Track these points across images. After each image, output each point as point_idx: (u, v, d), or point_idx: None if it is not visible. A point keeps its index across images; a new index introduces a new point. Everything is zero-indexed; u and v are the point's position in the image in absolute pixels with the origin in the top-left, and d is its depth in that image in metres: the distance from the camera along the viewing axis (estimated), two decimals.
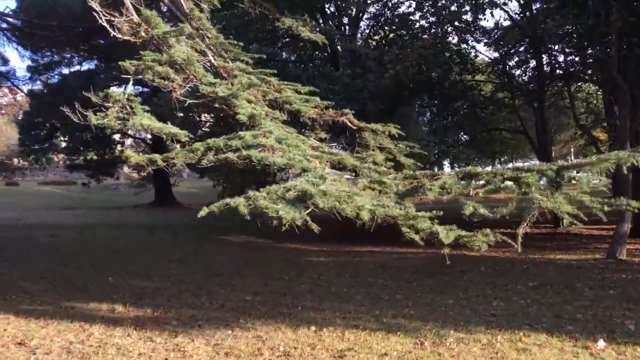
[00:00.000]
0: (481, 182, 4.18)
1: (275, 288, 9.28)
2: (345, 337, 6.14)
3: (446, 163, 30.77)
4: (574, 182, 4.35)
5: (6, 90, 19.50)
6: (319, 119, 5.50)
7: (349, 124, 5.54)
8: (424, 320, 6.84)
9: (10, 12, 16.49)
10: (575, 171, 3.78)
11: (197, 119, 22.79)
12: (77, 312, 7.57)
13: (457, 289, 8.78)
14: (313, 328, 6.50)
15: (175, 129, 4.55)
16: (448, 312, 7.35)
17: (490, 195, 4.96)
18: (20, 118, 41.94)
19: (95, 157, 35.40)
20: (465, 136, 27.04)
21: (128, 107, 4.58)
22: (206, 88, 4.72)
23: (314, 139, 5.71)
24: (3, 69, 17.01)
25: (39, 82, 26.97)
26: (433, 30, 19.36)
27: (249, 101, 4.80)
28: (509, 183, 4.08)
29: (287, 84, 5.62)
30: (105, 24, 5.13)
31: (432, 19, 19.44)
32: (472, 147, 29.10)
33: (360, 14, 19.88)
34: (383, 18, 20.26)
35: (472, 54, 21.23)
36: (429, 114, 27.64)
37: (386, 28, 20.50)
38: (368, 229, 4.26)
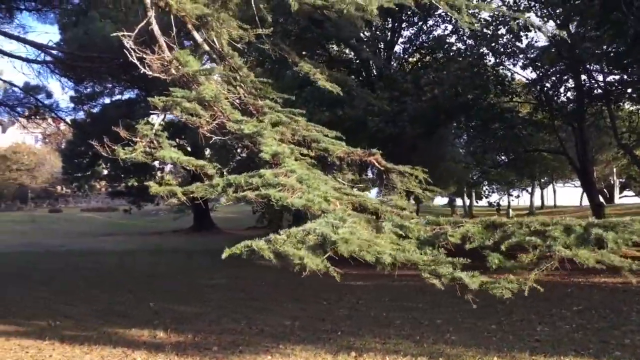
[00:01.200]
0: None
1: (313, 313, 9.27)
2: None
3: (485, 185, 30.34)
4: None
5: (50, 121, 20.17)
6: (346, 158, 5.50)
7: (376, 164, 5.52)
8: (466, 345, 6.74)
9: (54, 45, 17.13)
10: (604, 231, 3.66)
11: (232, 151, 23.15)
12: (120, 337, 7.70)
13: (499, 314, 8.61)
14: (353, 354, 6.47)
15: (201, 162, 4.63)
16: (491, 337, 7.22)
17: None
18: (63, 147, 43.15)
19: (135, 184, 36.18)
20: (504, 157, 26.72)
21: (155, 141, 4.69)
22: (233, 125, 4.80)
23: (342, 179, 5.71)
24: (47, 101, 17.55)
25: (81, 112, 27.73)
26: (469, 52, 19.32)
27: (276, 139, 4.85)
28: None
29: (314, 126, 5.67)
30: (136, 61, 5.30)
31: (469, 41, 19.44)
32: (511, 169, 28.72)
33: (396, 38, 20.00)
34: (418, 41, 20.33)
35: (509, 75, 21.09)
36: (466, 135, 27.43)
37: (422, 51, 20.55)
38: None
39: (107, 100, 29.06)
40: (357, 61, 20.36)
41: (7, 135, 78.33)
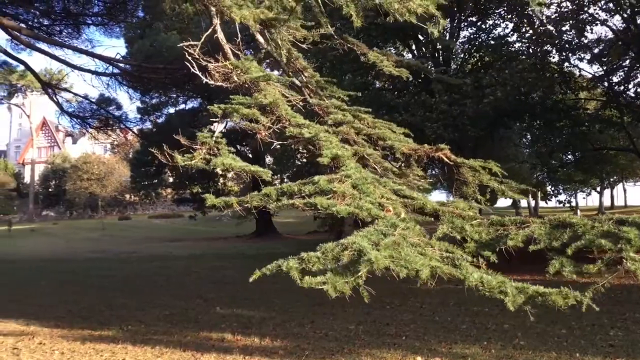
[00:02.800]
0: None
1: (377, 317, 9.22)
2: None
3: (551, 185, 29.36)
4: None
5: (118, 131, 20.96)
6: (413, 154, 5.42)
7: (445, 159, 5.40)
8: (536, 351, 6.56)
9: (121, 58, 17.78)
10: None
11: (292, 157, 23.37)
12: (190, 341, 7.88)
13: (569, 318, 8.31)
14: (419, 358, 6.40)
15: (255, 168, 4.67)
16: (561, 342, 7.00)
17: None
18: (131, 156, 44.71)
19: (200, 191, 37.11)
20: (571, 157, 25.81)
21: (215, 148, 4.77)
22: (293, 130, 4.82)
23: (411, 175, 5.63)
24: (117, 113, 18.24)
25: (148, 122, 28.71)
26: (532, 51, 18.79)
27: (338, 141, 4.83)
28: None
29: (381, 122, 5.62)
30: (197, 71, 5.42)
31: (532, 39, 18.92)
32: (579, 168, 27.73)
33: (454, 39, 19.68)
34: (478, 42, 19.93)
35: (575, 71, 20.38)
36: (529, 135, 26.68)
37: (482, 51, 20.13)
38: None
39: (171, 110, 30.04)
40: (410, 60, 20.19)
41: (78, 146, 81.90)
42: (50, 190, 71.90)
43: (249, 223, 37.65)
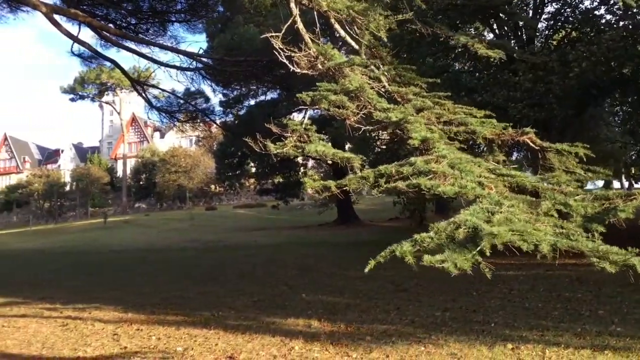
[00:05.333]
0: None
1: (464, 304, 9.08)
2: (547, 355, 5.82)
3: None
4: None
5: (202, 124, 21.62)
6: (496, 139, 5.24)
7: (530, 143, 5.18)
8: (635, 338, 6.24)
9: (204, 53, 18.29)
10: None
11: (372, 143, 23.25)
12: (277, 327, 8.08)
13: None
14: (510, 346, 6.26)
15: (348, 154, 4.66)
16: None
17: None
18: (215, 148, 46.04)
19: (281, 180, 37.78)
20: None
21: (305, 135, 4.80)
22: (380, 114, 4.78)
23: (492, 161, 5.46)
24: (203, 106, 18.79)
25: (230, 114, 29.38)
26: (622, 23, 17.71)
27: (424, 124, 4.75)
28: None
29: (462, 107, 5.48)
30: (285, 60, 5.48)
31: (620, 11, 17.82)
32: None
33: (538, 15, 18.87)
34: (563, 17, 19.01)
35: None
36: (621, 113, 25.26)
37: (567, 26, 19.19)
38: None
39: (252, 102, 30.60)
40: (497, 41, 19.55)
41: (165, 140, 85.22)
42: (141, 183, 75.27)
43: (331, 211, 37.94)
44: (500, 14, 17.26)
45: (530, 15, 18.45)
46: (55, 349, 7.55)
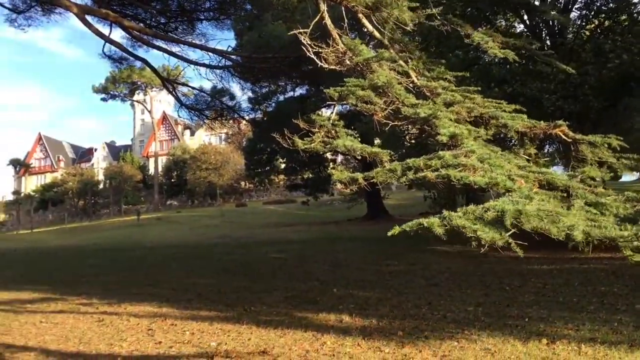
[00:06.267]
0: None
1: (497, 298, 8.99)
2: (583, 351, 5.73)
3: None
4: None
5: (231, 121, 21.81)
6: (528, 132, 5.16)
7: (563, 136, 5.09)
8: None
9: (232, 50, 18.41)
10: None
11: (401, 138, 23.13)
12: (309, 322, 8.11)
13: None
14: (544, 341, 6.18)
15: (376, 149, 4.64)
16: None
17: None
18: (244, 145, 46.33)
19: (311, 176, 37.85)
20: None
21: (333, 131, 4.80)
22: (408, 110, 4.75)
23: (523, 154, 5.38)
24: (230, 103, 18.93)
25: (259, 111, 29.54)
26: None
27: (452, 120, 4.71)
28: None
29: (492, 101, 5.42)
30: (313, 56, 5.48)
31: None
32: None
33: (570, 5, 18.51)
34: (596, 5, 18.60)
35: None
36: None
37: (601, 16, 18.77)
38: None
39: (280, 98, 30.72)
40: (527, 33, 19.22)
41: (195, 137, 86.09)
42: (172, 180, 76.21)
43: (361, 206, 37.88)
44: (530, 2, 16.99)
45: (562, 4, 18.10)
46: (92, 344, 7.71)
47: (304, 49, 5.54)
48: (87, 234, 44.44)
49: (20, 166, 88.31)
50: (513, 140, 5.80)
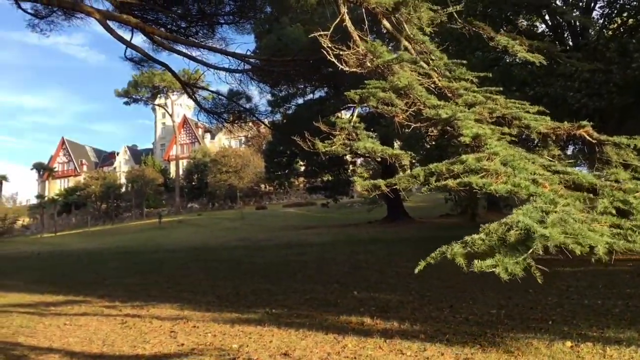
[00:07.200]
0: None
1: (520, 301, 8.90)
2: (607, 354, 5.64)
3: None
4: None
5: (250, 124, 21.91)
6: (551, 133, 5.09)
7: (587, 137, 5.01)
8: None
9: (252, 54, 18.49)
10: None
11: (422, 140, 23.03)
12: (330, 324, 8.10)
13: None
14: (569, 344, 6.09)
15: (396, 151, 4.60)
16: None
17: None
18: (264, 148, 46.54)
19: (331, 178, 37.86)
20: None
21: (354, 133, 4.78)
22: (429, 111, 4.72)
23: (547, 155, 5.30)
24: (248, 105, 19.03)
25: (278, 114, 29.66)
26: None
27: (475, 120, 4.66)
28: None
29: (514, 102, 5.35)
30: (333, 59, 5.47)
31: None
32: None
33: (592, 4, 18.28)
34: (619, 4, 18.34)
35: None
36: None
37: (624, 14, 18.51)
38: None
39: (299, 101, 30.82)
40: (550, 34, 19.04)
41: (216, 140, 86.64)
42: (193, 183, 76.76)
43: (381, 209, 37.79)
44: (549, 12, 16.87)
45: (585, 2, 17.89)
46: (116, 346, 7.78)
47: (324, 52, 5.53)
48: (109, 237, 44.93)
49: (44, 170, 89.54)
50: (536, 141, 5.71)
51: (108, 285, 14.80)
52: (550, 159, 4.61)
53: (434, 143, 22.27)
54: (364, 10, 5.63)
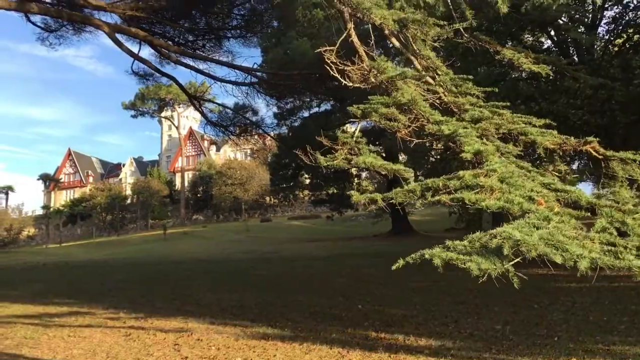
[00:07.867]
0: None
1: (525, 317, 8.86)
2: None
3: None
4: None
5: (256, 137, 22.03)
6: (558, 149, 5.09)
7: (594, 153, 5.01)
8: None
9: (258, 68, 18.61)
10: None
11: (426, 154, 23.07)
12: (335, 338, 8.07)
13: None
14: None
15: (397, 166, 4.62)
16: None
17: None
18: (269, 160, 46.65)
19: (335, 191, 37.89)
20: None
21: (356, 148, 4.80)
22: (432, 127, 4.74)
23: (553, 170, 5.30)
24: (254, 118, 19.12)
25: (284, 127, 29.78)
26: None
27: (480, 136, 4.67)
28: None
29: (520, 117, 5.37)
30: (337, 74, 5.51)
31: None
32: None
33: (597, 21, 18.34)
34: (624, 20, 18.39)
35: None
36: None
37: (629, 31, 18.55)
38: None
39: (305, 114, 30.94)
40: (556, 49, 19.09)
41: (221, 153, 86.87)
42: (198, 195, 76.93)
43: (385, 222, 37.74)
44: (558, 20, 16.91)
45: (590, 19, 17.94)
46: (119, 358, 7.77)
47: (328, 67, 5.57)
48: (114, 248, 44.98)
49: (50, 181, 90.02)
50: (543, 157, 5.72)
51: (112, 297, 14.79)
52: (557, 173, 4.61)
53: (438, 157, 22.32)
54: (370, 26, 5.67)
